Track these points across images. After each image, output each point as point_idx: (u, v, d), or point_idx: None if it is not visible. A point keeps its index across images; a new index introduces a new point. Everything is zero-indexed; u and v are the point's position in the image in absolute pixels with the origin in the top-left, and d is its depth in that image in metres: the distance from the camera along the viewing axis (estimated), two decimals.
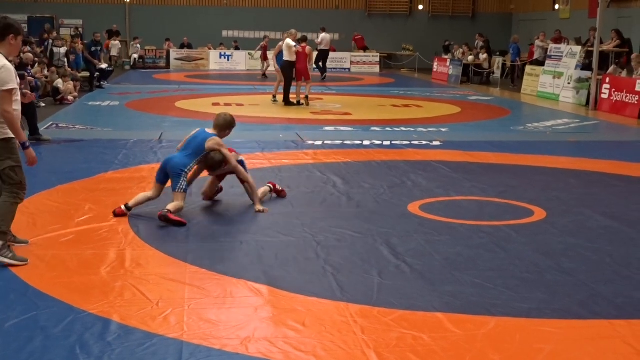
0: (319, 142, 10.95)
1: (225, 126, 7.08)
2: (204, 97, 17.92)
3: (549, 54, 20.35)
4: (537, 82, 20.00)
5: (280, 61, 16.70)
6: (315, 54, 21.71)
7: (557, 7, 28.70)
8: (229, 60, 29.20)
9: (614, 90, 16.11)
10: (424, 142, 11.18)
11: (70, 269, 5.17)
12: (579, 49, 19.25)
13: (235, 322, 4.30)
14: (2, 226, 5.19)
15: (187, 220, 6.55)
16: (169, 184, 6.75)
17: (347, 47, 30.76)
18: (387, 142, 11.07)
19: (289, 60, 16.10)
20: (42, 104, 15.01)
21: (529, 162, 9.75)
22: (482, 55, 24.77)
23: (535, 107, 17.67)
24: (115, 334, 4.09)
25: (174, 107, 15.84)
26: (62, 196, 7.30)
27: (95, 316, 4.33)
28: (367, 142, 11.07)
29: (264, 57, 24.70)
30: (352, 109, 15.89)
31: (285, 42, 16.19)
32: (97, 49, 20.05)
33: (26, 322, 4.23)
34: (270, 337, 4.10)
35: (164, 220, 6.32)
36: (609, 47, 18.93)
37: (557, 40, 21.88)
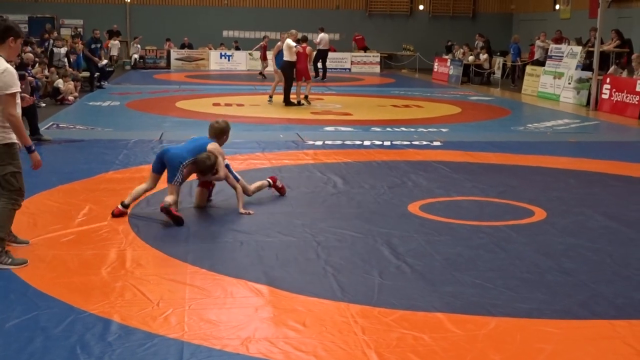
0: (320, 142, 10.95)
1: (220, 133, 7.13)
2: (205, 97, 17.92)
3: (549, 54, 20.35)
4: (538, 82, 19.99)
5: (279, 61, 16.71)
6: (314, 54, 21.69)
7: (557, 7, 28.70)
8: (229, 60, 29.20)
9: (614, 90, 16.11)
10: (425, 143, 11.18)
11: (70, 269, 5.17)
12: (579, 49, 19.25)
13: (235, 323, 4.30)
14: (1, 233, 5.17)
15: (188, 220, 6.56)
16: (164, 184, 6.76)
17: (347, 47, 30.75)
18: (387, 143, 11.07)
19: (289, 60, 16.10)
20: (43, 104, 15.02)
21: (530, 163, 9.75)
22: (483, 55, 24.77)
23: (535, 107, 17.66)
24: (115, 334, 4.09)
25: (174, 107, 15.84)
26: (63, 196, 7.30)
27: (95, 316, 4.33)
28: (367, 142, 11.07)
29: (263, 57, 24.71)
30: (352, 109, 15.89)
31: (285, 42, 16.19)
32: (97, 46, 19.93)
33: (27, 323, 4.23)
34: (270, 338, 4.10)
35: (166, 212, 6.33)
36: (610, 47, 18.93)
37: (557, 40, 21.88)
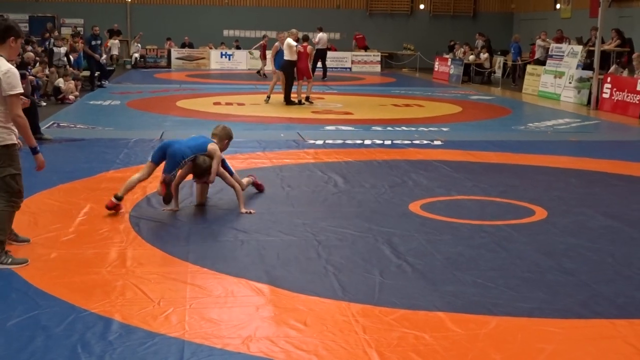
0: (320, 142, 10.95)
1: (224, 136, 7.16)
2: (205, 97, 17.92)
3: (550, 53, 20.34)
4: (538, 81, 19.99)
5: (279, 61, 16.70)
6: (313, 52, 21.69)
7: (558, 6, 28.69)
8: (230, 59, 29.20)
9: (615, 89, 16.10)
10: (425, 142, 11.17)
11: (71, 268, 5.17)
12: (580, 48, 19.25)
13: (236, 322, 4.30)
14: (1, 236, 5.16)
15: (189, 219, 6.57)
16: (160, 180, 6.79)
17: (348, 47, 30.75)
18: (388, 142, 11.07)
19: (290, 59, 16.10)
20: (44, 103, 15.03)
21: (530, 162, 9.74)
22: (483, 54, 24.77)
23: (536, 106, 17.66)
24: (116, 333, 4.09)
25: (175, 106, 15.84)
26: (64, 195, 7.30)
27: (96, 315, 4.33)
28: (368, 142, 11.06)
29: (263, 56, 24.73)
30: (353, 109, 15.88)
31: (286, 41, 16.19)
32: (97, 43, 19.91)
33: (27, 322, 4.23)
34: (271, 337, 4.10)
35: (167, 183, 6.45)
36: (610, 47, 18.92)
37: (558, 39, 21.88)
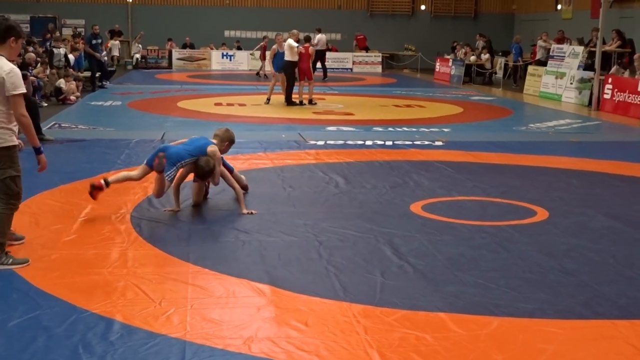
0: (321, 142, 10.95)
1: (225, 138, 7.13)
2: (206, 97, 17.93)
3: (551, 54, 20.34)
4: (540, 82, 19.98)
5: (277, 63, 16.69)
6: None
7: (559, 7, 28.68)
8: (231, 60, 29.21)
9: (616, 90, 16.10)
10: (426, 142, 11.17)
11: (72, 269, 5.17)
12: (581, 49, 19.24)
13: (238, 322, 4.29)
14: (1, 238, 5.16)
15: (189, 219, 6.56)
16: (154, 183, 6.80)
17: (349, 47, 30.76)
18: (389, 142, 11.07)
19: (291, 60, 16.11)
20: (45, 104, 15.03)
21: (531, 163, 9.74)
22: (484, 55, 24.77)
23: (537, 107, 17.65)
24: (118, 334, 4.09)
25: (176, 107, 15.84)
26: (65, 196, 7.30)
27: (97, 316, 4.33)
28: (369, 142, 11.06)
29: (263, 57, 24.74)
30: (354, 109, 15.88)
31: (287, 42, 16.20)
32: (98, 42, 19.90)
33: (29, 322, 4.23)
34: (273, 337, 4.10)
35: (161, 162, 6.43)
36: (612, 47, 18.90)
37: (559, 40, 21.87)
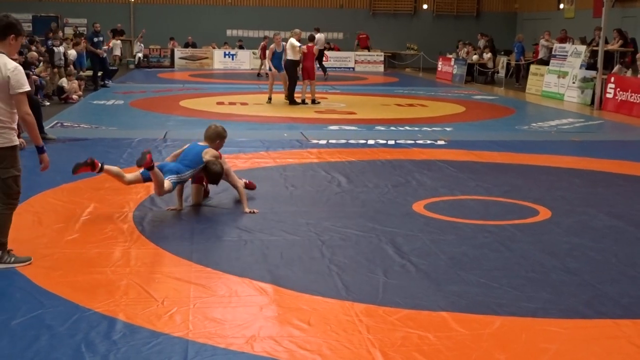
0: (324, 141, 10.95)
1: (214, 137, 7.10)
2: (209, 96, 17.93)
3: (553, 53, 20.32)
4: (542, 81, 19.97)
5: (276, 61, 16.67)
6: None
7: (561, 6, 28.65)
8: (233, 59, 29.21)
9: (618, 89, 16.08)
10: (429, 142, 11.17)
11: (75, 268, 5.17)
12: (583, 48, 19.21)
13: (240, 321, 4.30)
14: (2, 238, 5.17)
15: (192, 219, 6.57)
16: (151, 186, 6.75)
17: (351, 47, 30.75)
18: (391, 141, 11.07)
19: (293, 59, 16.11)
20: (47, 103, 15.05)
21: (534, 162, 9.73)
22: (486, 54, 24.75)
23: (539, 106, 17.64)
24: (120, 333, 4.09)
25: (178, 106, 15.85)
26: (67, 195, 7.31)
27: (100, 315, 4.33)
28: (371, 141, 11.06)
29: (263, 56, 24.72)
30: (356, 108, 15.88)
31: (289, 41, 16.19)
32: (99, 39, 19.88)
33: (32, 321, 4.24)
34: (275, 336, 4.10)
35: (147, 154, 6.24)
36: (614, 47, 18.88)
37: (562, 39, 21.85)
